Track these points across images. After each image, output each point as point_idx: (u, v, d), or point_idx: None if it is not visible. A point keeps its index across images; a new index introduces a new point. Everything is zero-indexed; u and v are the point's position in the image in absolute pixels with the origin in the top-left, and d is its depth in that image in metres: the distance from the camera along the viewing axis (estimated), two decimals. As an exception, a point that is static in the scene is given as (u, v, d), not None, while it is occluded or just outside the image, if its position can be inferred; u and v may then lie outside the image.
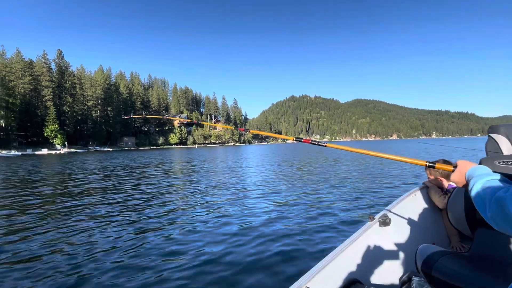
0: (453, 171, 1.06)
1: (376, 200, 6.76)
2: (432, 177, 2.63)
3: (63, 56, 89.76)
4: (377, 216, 2.21)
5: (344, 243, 1.83)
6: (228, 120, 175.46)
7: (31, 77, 76.84)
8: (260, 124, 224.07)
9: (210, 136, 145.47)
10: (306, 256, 3.67)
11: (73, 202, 7.60)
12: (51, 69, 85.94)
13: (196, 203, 7.10)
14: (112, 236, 4.74)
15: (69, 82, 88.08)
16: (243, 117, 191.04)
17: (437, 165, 1.18)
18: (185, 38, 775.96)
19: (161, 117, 3.59)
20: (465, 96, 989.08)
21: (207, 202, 7.23)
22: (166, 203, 7.19)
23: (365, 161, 17.96)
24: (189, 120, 3.32)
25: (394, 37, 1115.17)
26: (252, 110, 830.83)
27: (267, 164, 19.11)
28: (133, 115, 4.11)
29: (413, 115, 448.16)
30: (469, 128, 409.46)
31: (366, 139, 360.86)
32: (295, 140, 1.75)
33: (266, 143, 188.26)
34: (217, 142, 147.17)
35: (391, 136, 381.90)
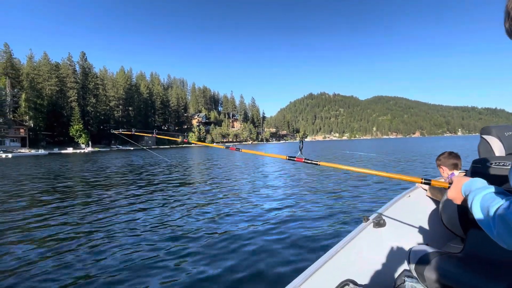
0: (448, 187, 1.04)
1: (371, 201, 6.73)
2: (445, 175, 2.58)
3: (86, 58, 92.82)
4: (371, 217, 2.21)
5: (339, 244, 1.85)
6: (246, 119, 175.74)
7: (57, 79, 80.00)
8: (278, 122, 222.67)
9: (228, 134, 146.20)
10: (299, 257, 3.65)
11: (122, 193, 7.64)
12: (76, 71, 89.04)
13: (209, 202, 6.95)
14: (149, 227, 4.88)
15: (93, 83, 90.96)
16: (260, 116, 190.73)
17: (432, 182, 1.17)
18: (204, 38, 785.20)
19: (151, 135, 3.52)
20: (494, 91, 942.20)
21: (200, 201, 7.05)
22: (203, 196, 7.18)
23: (370, 162, 17.31)
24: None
25: (415, 32, 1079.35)
26: (270, 108, 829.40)
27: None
28: (122, 131, 4.21)
29: (437, 112, 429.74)
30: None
31: (387, 136, 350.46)
32: (288, 159, 1.69)
33: (284, 141, 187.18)
34: (235, 140, 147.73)
35: (414, 133, 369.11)
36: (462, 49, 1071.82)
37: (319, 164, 1.56)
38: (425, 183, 1.19)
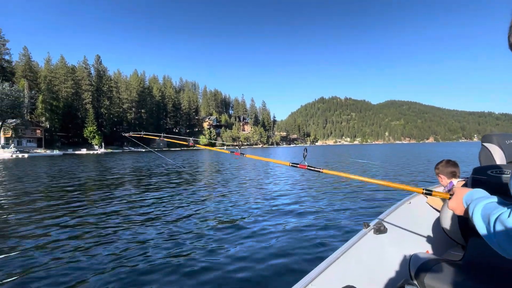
0: (450, 198, 1.03)
1: (371, 208, 6.66)
2: (444, 183, 2.61)
3: (101, 61, 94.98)
4: (372, 224, 2.20)
5: (339, 250, 1.85)
6: (256, 122, 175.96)
7: (73, 82, 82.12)
8: (288, 126, 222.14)
9: (239, 137, 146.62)
10: (298, 264, 3.61)
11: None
12: (91, 74, 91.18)
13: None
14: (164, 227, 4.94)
15: (107, 86, 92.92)
16: (271, 119, 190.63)
17: (433, 193, 1.17)
18: (216, 41, 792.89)
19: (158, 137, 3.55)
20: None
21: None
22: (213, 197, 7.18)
23: (373, 166, 16.93)
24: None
25: (429, 34, 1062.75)
26: (281, 112, 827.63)
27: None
28: (132, 134, 4.22)
29: (452, 117, 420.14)
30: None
31: (400, 142, 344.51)
32: (292, 166, 1.73)
33: (294, 145, 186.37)
34: (246, 143, 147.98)
35: (427, 139, 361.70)
36: (479, 52, 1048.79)
37: (321, 172, 1.58)
38: (426, 194, 1.19)
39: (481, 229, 0.78)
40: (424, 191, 1.18)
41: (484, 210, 0.79)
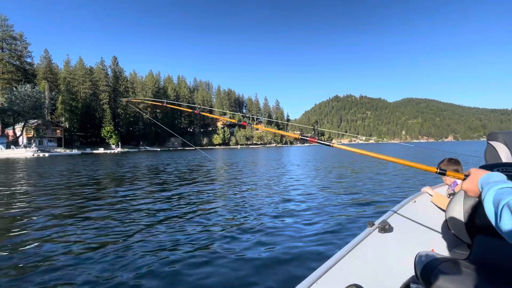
0: (464, 179, 1.00)
1: (376, 206, 6.65)
2: (448, 182, 2.60)
3: (117, 63, 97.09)
4: (376, 222, 2.21)
5: (344, 249, 1.86)
6: (270, 121, 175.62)
7: (90, 83, 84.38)
8: (302, 125, 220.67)
9: (252, 137, 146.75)
10: (303, 263, 3.58)
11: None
12: (108, 74, 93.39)
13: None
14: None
15: (123, 87, 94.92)
16: (285, 118, 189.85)
17: (448, 172, 1.16)
18: (230, 40, 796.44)
19: (161, 104, 3.37)
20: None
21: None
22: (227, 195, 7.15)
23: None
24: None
25: (447, 30, 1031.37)
26: (295, 110, 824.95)
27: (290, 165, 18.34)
28: (131, 99, 4.10)
29: (473, 115, 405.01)
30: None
31: (418, 140, 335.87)
32: (301, 138, 1.74)
33: (308, 144, 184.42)
34: (259, 143, 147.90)
35: (446, 138, 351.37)
36: (501, 47, 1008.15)
37: (332, 146, 1.63)
38: (440, 173, 1.20)
39: (489, 212, 0.78)
40: (438, 171, 1.19)
41: (497, 194, 0.77)
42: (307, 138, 1.67)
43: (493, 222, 0.76)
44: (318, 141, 1.60)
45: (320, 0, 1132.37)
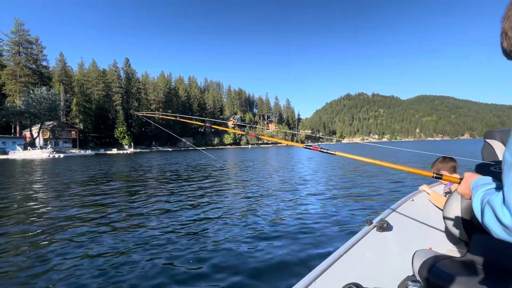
0: (459, 183, 1.03)
1: (374, 205, 6.66)
2: (445, 183, 2.58)
3: (130, 64, 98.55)
4: (374, 221, 2.23)
5: (342, 247, 1.87)
6: (280, 120, 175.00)
7: (104, 84, 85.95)
8: (313, 124, 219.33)
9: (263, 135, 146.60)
10: (301, 261, 3.56)
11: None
12: (120, 76, 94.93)
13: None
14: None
15: (135, 88, 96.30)
16: (295, 117, 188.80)
17: (444, 177, 1.18)
18: (240, 40, 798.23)
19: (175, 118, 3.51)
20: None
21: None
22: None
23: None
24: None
25: (461, 24, 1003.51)
26: (305, 109, 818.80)
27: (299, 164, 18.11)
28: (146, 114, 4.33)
29: (490, 112, 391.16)
30: None
31: (432, 138, 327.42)
32: (305, 148, 1.88)
33: (320, 143, 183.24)
34: (270, 142, 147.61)
35: (462, 135, 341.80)
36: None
37: (335, 154, 1.71)
38: (436, 177, 1.22)
39: (477, 211, 0.81)
40: (435, 175, 1.22)
41: (483, 196, 0.81)
42: (311, 148, 1.81)
43: (480, 220, 0.79)
44: (321, 150, 1.69)
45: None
